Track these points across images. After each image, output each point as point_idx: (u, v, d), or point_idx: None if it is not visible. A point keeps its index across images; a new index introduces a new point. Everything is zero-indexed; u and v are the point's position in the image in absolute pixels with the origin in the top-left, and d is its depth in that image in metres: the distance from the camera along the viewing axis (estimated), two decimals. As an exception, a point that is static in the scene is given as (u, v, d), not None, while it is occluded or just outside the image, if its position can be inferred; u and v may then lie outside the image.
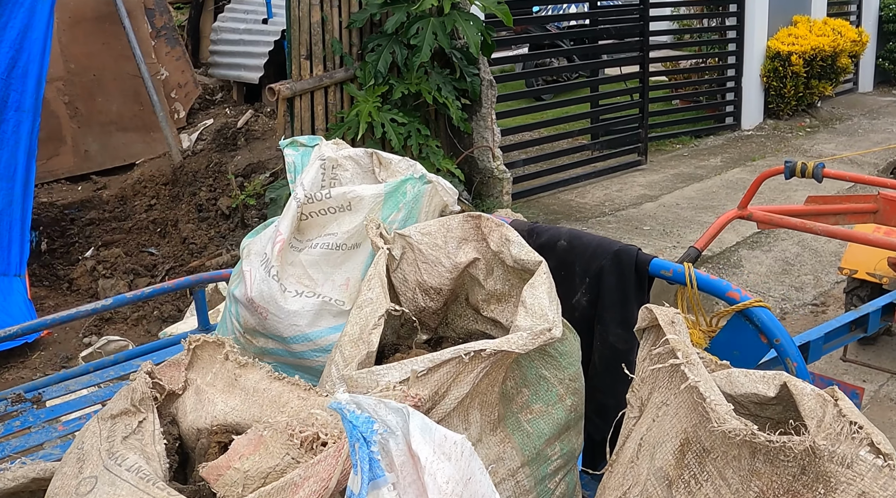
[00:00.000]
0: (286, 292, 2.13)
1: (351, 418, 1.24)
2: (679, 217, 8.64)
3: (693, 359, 1.56)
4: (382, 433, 1.24)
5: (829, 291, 7.47)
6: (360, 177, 2.49)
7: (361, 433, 1.23)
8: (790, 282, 7.59)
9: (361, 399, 1.27)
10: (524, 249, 1.91)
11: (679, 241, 7.95)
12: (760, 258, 7.93)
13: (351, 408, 1.25)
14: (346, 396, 1.27)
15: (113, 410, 1.68)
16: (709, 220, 8.52)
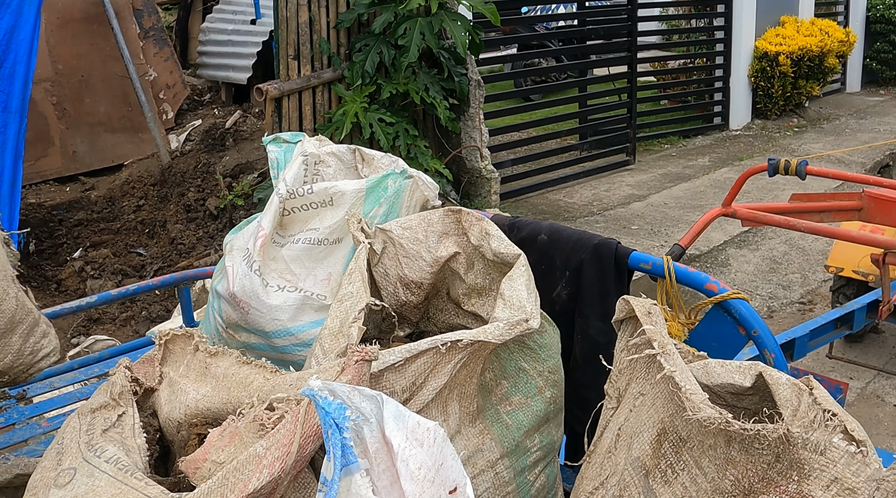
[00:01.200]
0: (268, 287, 2.14)
1: (323, 405, 1.24)
2: (667, 216, 8.66)
3: (669, 349, 1.57)
4: (356, 420, 1.25)
5: (817, 289, 7.50)
6: (343, 173, 2.50)
7: (334, 420, 1.24)
8: (777, 280, 7.62)
9: (335, 386, 1.28)
10: (503, 243, 1.92)
11: (667, 240, 7.97)
12: (748, 257, 7.95)
13: (324, 394, 1.26)
14: (318, 383, 1.28)
15: (93, 405, 1.69)
16: (696, 219, 8.50)
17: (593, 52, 11.19)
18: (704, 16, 12.85)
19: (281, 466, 1.38)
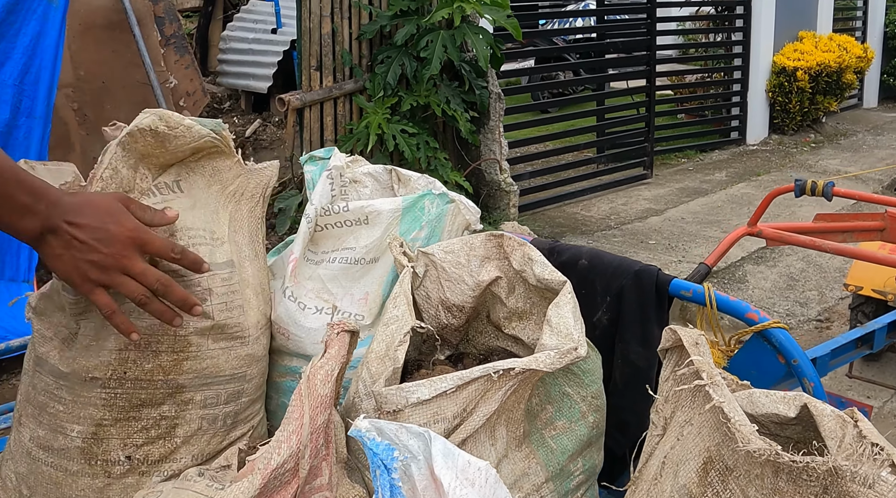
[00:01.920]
0: (305, 310, 2.15)
1: (371, 446, 1.27)
2: (684, 231, 8.68)
3: (717, 380, 1.59)
4: (403, 460, 1.27)
5: (834, 307, 7.51)
6: (380, 193, 2.52)
7: (382, 460, 1.26)
8: (795, 297, 7.63)
9: (383, 425, 1.30)
10: (547, 269, 1.95)
11: (684, 255, 7.99)
12: (765, 273, 7.96)
13: (371, 435, 1.28)
14: (365, 423, 1.31)
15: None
16: (714, 234, 8.57)
17: (612, 66, 11.22)
18: (723, 30, 12.87)
19: (297, 439, 1.46)
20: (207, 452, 1.96)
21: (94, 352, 1.87)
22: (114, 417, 1.88)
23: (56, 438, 1.91)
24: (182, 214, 1.92)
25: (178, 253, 1.74)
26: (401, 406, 1.61)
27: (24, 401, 2.01)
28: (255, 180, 2.06)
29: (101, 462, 1.89)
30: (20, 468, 1.98)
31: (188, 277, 1.88)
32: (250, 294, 2.00)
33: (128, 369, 1.85)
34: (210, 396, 1.93)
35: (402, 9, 6.96)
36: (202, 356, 1.89)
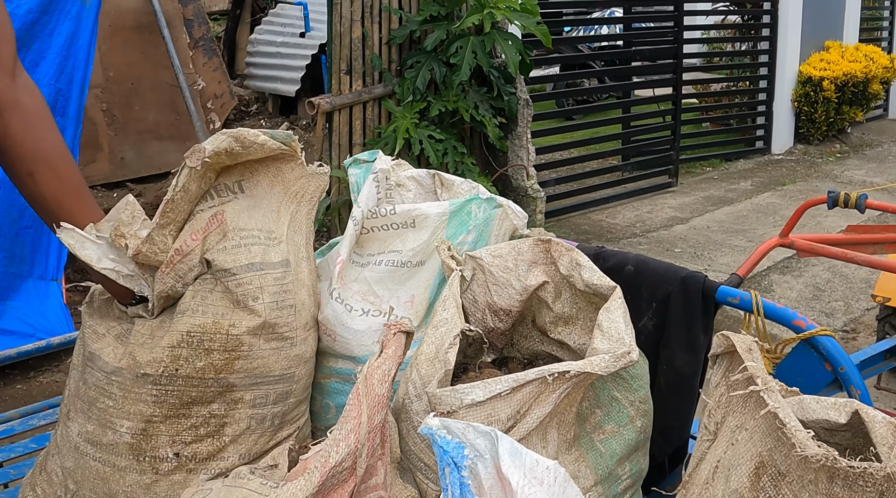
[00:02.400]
0: (352, 311, 2.16)
1: (442, 444, 1.28)
2: (710, 240, 8.67)
3: (771, 386, 1.60)
4: (472, 458, 1.28)
5: (860, 317, 7.47)
6: (423, 197, 2.53)
7: (452, 458, 1.27)
8: (821, 307, 7.60)
9: (451, 424, 1.31)
10: (596, 274, 1.96)
11: (710, 264, 7.97)
12: (791, 283, 7.93)
13: (442, 433, 1.29)
14: (436, 421, 1.32)
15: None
16: (739, 243, 8.55)
17: (638, 74, 11.22)
18: (749, 39, 12.85)
19: (356, 438, 1.48)
20: (255, 451, 1.97)
21: (147, 348, 1.89)
22: (164, 413, 1.90)
23: (105, 433, 1.93)
24: (236, 215, 1.94)
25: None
26: (455, 407, 1.62)
27: (73, 396, 2.03)
28: (315, 183, 2.08)
29: (149, 458, 1.91)
30: (67, 463, 2.00)
31: (239, 276, 1.90)
32: (304, 295, 2.02)
33: (179, 367, 1.87)
34: (259, 395, 1.95)
35: (433, 14, 6.97)
36: (253, 356, 1.91)
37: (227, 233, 1.92)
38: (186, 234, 1.92)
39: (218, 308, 1.90)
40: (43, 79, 5.75)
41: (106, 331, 2.00)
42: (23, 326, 5.84)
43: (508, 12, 6.79)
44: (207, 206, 1.94)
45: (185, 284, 1.91)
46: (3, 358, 2.79)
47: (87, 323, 2.03)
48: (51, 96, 5.78)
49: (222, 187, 1.96)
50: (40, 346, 2.81)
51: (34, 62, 5.76)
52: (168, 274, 1.91)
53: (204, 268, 1.92)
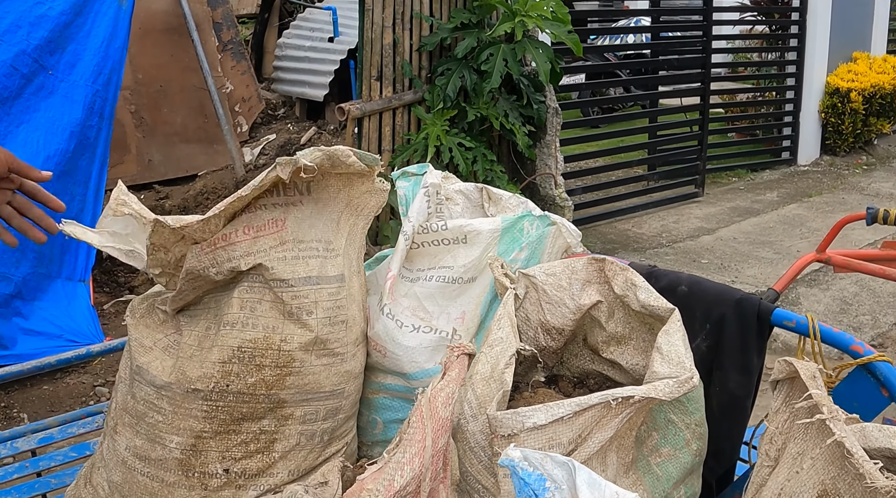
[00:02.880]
0: (403, 327, 2.14)
1: (523, 476, 1.25)
2: (736, 251, 8.62)
3: (837, 415, 1.58)
4: (553, 490, 1.26)
5: (888, 332, 7.41)
6: (470, 211, 2.51)
7: (534, 491, 1.25)
8: (848, 321, 7.54)
9: (529, 454, 1.29)
10: (652, 295, 1.93)
11: (737, 275, 7.93)
12: (818, 296, 7.88)
13: (524, 465, 1.27)
14: (517, 453, 1.29)
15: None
16: (766, 255, 8.50)
17: (665, 83, 11.18)
18: (776, 49, 12.78)
19: (420, 462, 1.46)
20: (303, 467, 1.95)
21: (197, 362, 1.87)
22: (214, 429, 1.88)
23: (154, 448, 1.91)
24: (297, 225, 1.92)
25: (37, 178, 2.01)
26: (516, 431, 1.60)
27: (120, 409, 2.01)
28: (377, 199, 2.06)
29: (198, 474, 1.89)
30: (114, 477, 1.98)
31: (296, 288, 1.88)
32: (355, 310, 2.00)
33: (230, 382, 1.85)
34: (309, 411, 1.93)
35: (463, 21, 6.96)
36: (305, 372, 1.89)
37: (285, 242, 1.90)
38: (240, 224, 1.90)
39: (268, 321, 1.88)
40: (80, 80, 5.78)
41: (153, 343, 1.98)
42: (50, 326, 5.86)
43: (540, 21, 6.78)
44: (271, 202, 1.91)
45: (219, 272, 1.88)
46: (44, 365, 2.78)
47: (132, 336, 2.02)
48: (88, 97, 5.81)
49: (291, 185, 1.93)
50: (80, 353, 2.79)
51: (70, 64, 5.79)
52: (206, 254, 1.88)
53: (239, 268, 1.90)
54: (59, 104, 5.79)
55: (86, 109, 5.82)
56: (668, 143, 10.62)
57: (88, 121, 5.84)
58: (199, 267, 1.88)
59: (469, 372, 1.88)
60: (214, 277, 1.89)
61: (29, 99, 5.70)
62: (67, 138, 5.78)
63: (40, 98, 5.75)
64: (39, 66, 5.68)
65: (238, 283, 1.91)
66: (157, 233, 1.90)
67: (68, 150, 5.77)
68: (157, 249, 1.93)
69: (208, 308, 1.97)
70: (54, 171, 5.66)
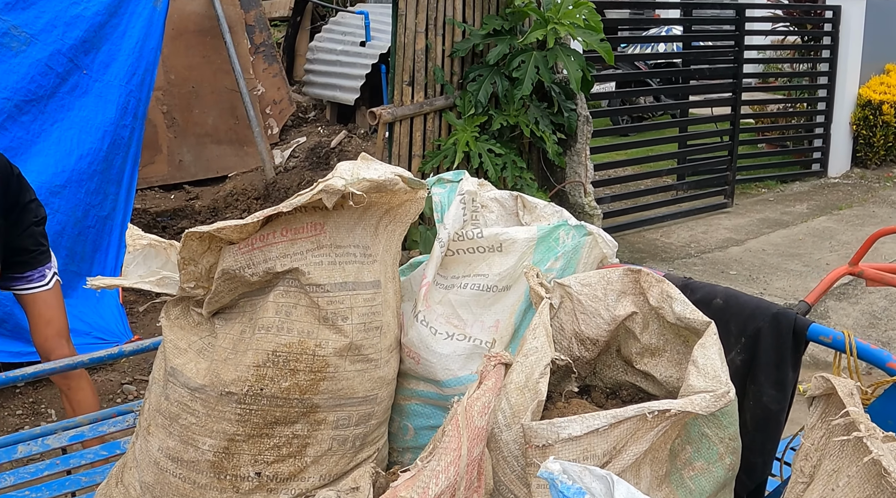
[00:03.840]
0: (437, 335, 2.14)
1: (562, 489, 1.25)
2: (765, 263, 8.56)
3: (875, 433, 1.56)
4: (591, 504, 1.25)
5: (918, 348, 7.35)
6: (505, 219, 2.51)
7: (573, 504, 1.24)
8: (877, 336, 7.48)
9: (569, 467, 1.28)
10: (688, 308, 1.92)
11: (765, 287, 7.88)
12: (847, 310, 7.82)
13: (563, 478, 1.26)
14: (557, 466, 1.29)
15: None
16: (795, 267, 8.44)
17: (696, 93, 11.13)
18: (808, 60, 12.70)
19: (455, 470, 1.45)
20: (335, 472, 1.96)
21: (231, 365, 1.88)
22: (247, 432, 1.89)
23: (187, 450, 1.92)
24: (335, 230, 1.92)
25: None
26: (551, 441, 1.60)
27: (153, 410, 2.02)
28: (416, 207, 2.07)
29: (230, 477, 1.90)
30: (146, 477, 1.99)
31: (332, 293, 1.88)
32: (390, 316, 2.00)
33: (265, 386, 1.86)
34: (342, 417, 1.93)
35: (496, 28, 6.95)
36: (338, 377, 1.90)
37: (322, 246, 1.90)
38: (278, 226, 1.90)
39: (303, 325, 1.89)
40: (114, 80, 5.82)
41: (188, 345, 1.99)
42: (79, 323, 5.89)
43: (572, 28, 6.75)
44: (312, 205, 1.91)
45: (254, 273, 1.89)
46: (76, 363, 2.80)
47: (167, 337, 2.03)
48: (122, 97, 5.85)
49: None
50: (112, 353, 2.81)
51: (105, 63, 5.83)
52: (243, 254, 1.89)
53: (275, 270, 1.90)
54: (93, 104, 5.82)
55: (119, 109, 5.85)
56: (698, 152, 10.56)
57: (122, 121, 5.87)
58: (234, 267, 1.89)
59: (504, 381, 1.87)
60: (250, 278, 1.89)
61: (63, 98, 5.74)
62: (101, 138, 5.81)
63: (75, 97, 5.79)
64: (74, 65, 5.72)
65: (273, 287, 1.92)
66: (186, 246, 1.92)
67: (102, 149, 5.80)
68: (188, 263, 1.95)
69: (243, 311, 1.97)
70: (87, 170, 5.72)
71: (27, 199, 3.79)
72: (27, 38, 5.61)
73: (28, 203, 3.79)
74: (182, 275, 1.99)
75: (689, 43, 11.28)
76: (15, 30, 5.57)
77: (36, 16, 5.64)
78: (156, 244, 2.13)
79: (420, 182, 2.02)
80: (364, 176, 1.89)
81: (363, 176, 1.89)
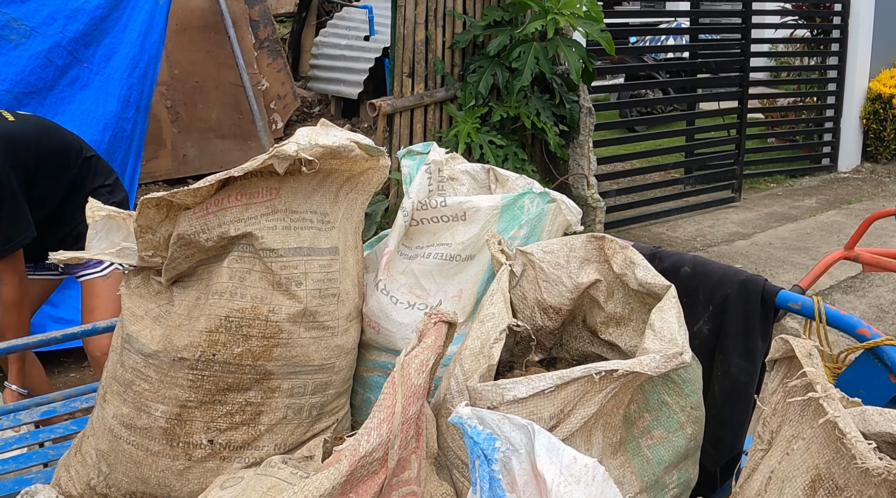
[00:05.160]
0: (398, 304, 2.10)
1: (472, 435, 1.21)
2: (772, 256, 8.50)
3: (832, 393, 1.51)
4: (505, 451, 1.21)
5: (925, 341, 7.26)
6: (476, 192, 2.47)
7: (482, 451, 1.20)
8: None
9: (485, 414, 1.25)
10: (650, 273, 1.88)
11: (771, 280, 7.81)
12: (854, 303, 7.74)
13: (473, 423, 1.22)
14: (467, 411, 1.25)
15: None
16: (802, 261, 8.37)
17: (703, 86, 11.06)
18: (817, 54, 12.61)
19: (388, 428, 1.42)
20: (291, 442, 1.92)
21: (185, 331, 1.85)
22: (199, 399, 1.86)
23: (140, 416, 1.89)
24: (292, 195, 1.89)
25: None
26: (496, 403, 1.56)
27: (110, 378, 2.00)
28: (379, 176, 2.04)
29: (182, 444, 1.87)
30: (101, 445, 1.96)
31: (286, 258, 1.85)
32: (349, 284, 1.96)
33: (217, 352, 1.83)
34: (297, 385, 1.90)
35: (496, 19, 6.91)
36: (292, 344, 1.86)
37: (276, 211, 1.87)
38: (233, 190, 1.88)
39: (257, 291, 1.86)
40: (115, 73, 5.82)
41: (144, 313, 1.96)
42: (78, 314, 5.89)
43: (572, 18, 6.70)
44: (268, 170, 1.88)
45: (209, 238, 1.86)
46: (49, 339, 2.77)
47: (125, 305, 2.00)
48: (123, 90, 5.85)
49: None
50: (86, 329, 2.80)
51: (106, 56, 5.84)
52: (198, 219, 1.87)
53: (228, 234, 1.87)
54: (93, 96, 5.82)
55: (121, 102, 5.85)
56: (706, 146, 10.49)
57: (124, 113, 5.87)
58: (189, 232, 1.86)
59: (459, 348, 1.84)
60: (205, 243, 1.87)
61: (63, 90, 5.74)
62: (102, 130, 5.81)
63: (75, 90, 5.78)
64: (74, 58, 5.72)
65: (228, 252, 1.89)
66: (143, 214, 1.90)
67: (103, 141, 5.79)
68: (145, 231, 1.93)
69: (200, 279, 1.95)
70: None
71: (96, 185, 3.71)
72: (27, 31, 5.60)
73: (97, 188, 3.70)
74: (139, 243, 1.97)
75: (696, 36, 11.21)
76: (14, 22, 5.57)
77: (36, 9, 5.64)
78: (115, 215, 2.10)
79: (378, 149, 1.98)
80: (319, 142, 1.86)
81: (318, 142, 1.86)
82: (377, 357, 2.14)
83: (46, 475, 2.40)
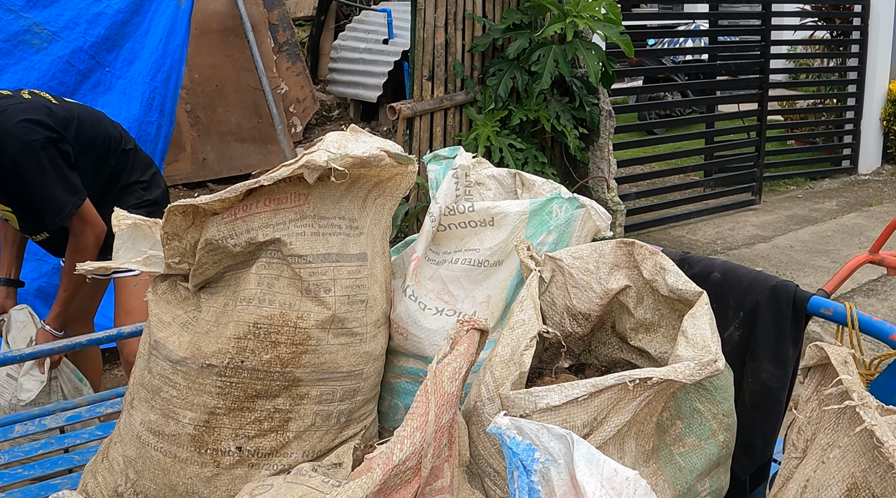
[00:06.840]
0: (426, 310, 2.09)
1: (511, 445, 1.20)
2: (792, 259, 8.45)
3: (868, 401, 1.50)
4: (544, 462, 1.20)
5: (948, 345, 7.20)
6: (503, 197, 2.46)
7: (521, 461, 1.19)
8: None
9: (523, 424, 1.23)
10: (681, 279, 1.86)
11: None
12: (875, 307, 7.69)
13: (511, 433, 1.21)
14: (506, 421, 1.24)
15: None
16: (823, 264, 8.32)
17: (723, 88, 11.01)
18: (837, 55, 12.54)
19: (422, 436, 1.41)
20: (319, 448, 1.91)
21: (213, 338, 1.84)
22: (227, 406, 1.85)
23: (168, 423, 1.89)
24: (320, 201, 1.88)
25: None
26: (528, 411, 1.54)
27: (137, 384, 1.99)
28: (407, 181, 2.03)
29: (210, 451, 1.86)
30: (129, 452, 1.96)
31: (314, 264, 1.84)
32: (377, 291, 1.96)
33: (245, 359, 1.82)
34: (326, 391, 1.89)
35: (515, 22, 6.89)
36: (321, 350, 1.85)
37: (305, 217, 1.86)
38: (261, 196, 1.87)
39: (285, 297, 1.85)
40: (138, 76, 5.84)
41: (172, 319, 1.96)
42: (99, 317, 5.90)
43: (591, 21, 6.69)
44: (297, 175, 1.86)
45: (237, 244, 1.86)
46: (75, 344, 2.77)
47: (152, 311, 2.00)
48: (146, 94, 5.87)
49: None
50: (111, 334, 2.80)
51: (128, 60, 5.85)
52: (226, 224, 1.86)
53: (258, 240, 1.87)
54: (116, 100, 5.83)
55: (144, 106, 5.86)
56: (725, 149, 10.44)
57: (147, 117, 5.88)
58: (217, 237, 1.85)
59: (489, 355, 1.83)
60: (233, 248, 1.86)
61: (85, 95, 5.75)
62: (125, 134, 5.84)
63: (97, 94, 5.80)
64: (96, 62, 5.73)
65: (256, 258, 1.88)
66: (170, 221, 1.89)
67: (127, 145, 5.83)
68: (171, 238, 1.92)
69: (228, 285, 1.94)
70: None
71: (132, 180, 3.66)
72: (49, 36, 5.62)
73: (132, 183, 3.66)
74: (166, 250, 1.97)
75: (715, 38, 11.16)
76: (36, 27, 5.59)
77: (58, 13, 5.66)
78: (141, 224, 2.10)
79: (408, 157, 1.97)
80: (349, 151, 1.85)
81: (348, 151, 1.85)
82: (405, 363, 2.12)
83: (72, 481, 2.40)
